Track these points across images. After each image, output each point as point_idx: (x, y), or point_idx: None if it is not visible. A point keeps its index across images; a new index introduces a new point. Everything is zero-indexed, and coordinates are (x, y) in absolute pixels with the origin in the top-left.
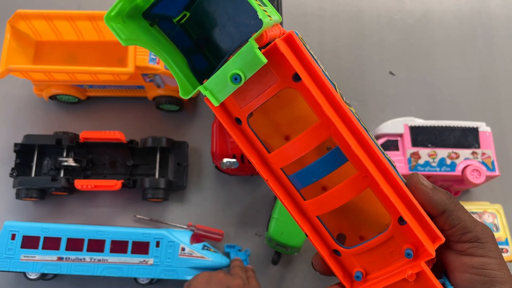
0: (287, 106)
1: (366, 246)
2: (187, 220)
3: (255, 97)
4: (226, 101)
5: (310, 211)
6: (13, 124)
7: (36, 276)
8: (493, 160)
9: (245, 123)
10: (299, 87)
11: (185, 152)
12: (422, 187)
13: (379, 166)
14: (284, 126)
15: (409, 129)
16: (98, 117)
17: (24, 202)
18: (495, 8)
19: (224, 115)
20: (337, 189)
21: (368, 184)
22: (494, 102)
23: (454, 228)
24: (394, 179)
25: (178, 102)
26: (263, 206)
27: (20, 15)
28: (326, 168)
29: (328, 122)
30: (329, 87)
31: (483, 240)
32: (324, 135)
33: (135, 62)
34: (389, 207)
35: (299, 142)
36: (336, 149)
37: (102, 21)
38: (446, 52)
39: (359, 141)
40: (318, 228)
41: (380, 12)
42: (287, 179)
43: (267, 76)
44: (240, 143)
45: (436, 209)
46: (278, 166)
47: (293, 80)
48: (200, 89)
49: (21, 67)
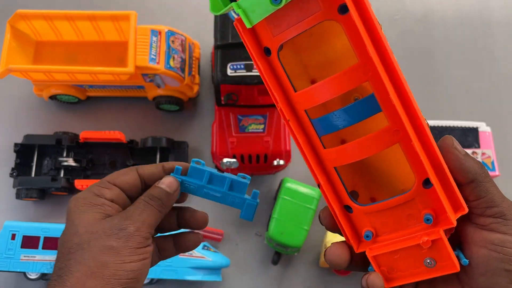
0: (320, 47)
1: (382, 206)
2: None
3: (292, 25)
4: (258, 26)
5: (328, 160)
6: (13, 124)
7: (36, 276)
8: (493, 160)
9: (275, 55)
10: (344, 21)
11: (185, 152)
12: (455, 152)
13: (414, 121)
14: (312, 69)
15: None
16: (98, 117)
17: (24, 202)
18: (495, 8)
19: (253, 42)
20: (363, 140)
21: (399, 139)
22: (494, 102)
23: (480, 200)
24: (427, 138)
25: (178, 102)
26: (263, 206)
27: (20, 15)
28: (356, 115)
29: (369, 65)
30: (377, 27)
31: (509, 217)
32: (361, 79)
33: (135, 62)
34: (417, 166)
35: (332, 83)
36: (370, 96)
37: (102, 21)
38: (446, 52)
39: (398, 91)
40: (333, 180)
41: (380, 12)
42: (310, 124)
43: (310, 3)
44: (266, 76)
45: (465, 177)
46: (303, 107)
47: (339, 12)
48: (234, 6)
49: (21, 67)
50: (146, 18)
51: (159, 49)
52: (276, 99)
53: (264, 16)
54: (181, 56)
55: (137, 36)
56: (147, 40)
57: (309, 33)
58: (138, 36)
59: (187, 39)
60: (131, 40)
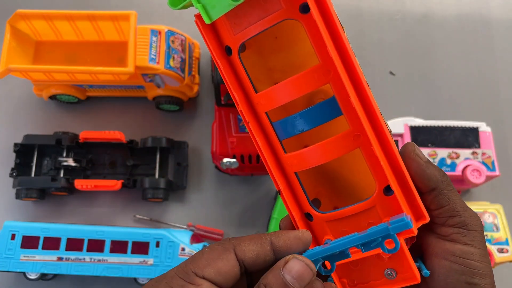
0: (284, 50)
1: (342, 213)
2: (187, 220)
3: (253, 23)
4: (219, 23)
5: (289, 165)
6: (13, 124)
7: (36, 276)
8: (493, 160)
9: (236, 54)
10: (305, 21)
11: (185, 152)
12: (416, 158)
13: (376, 126)
14: (277, 72)
15: (409, 129)
16: (98, 117)
17: (24, 202)
18: (495, 8)
19: (214, 40)
20: (323, 144)
21: (359, 144)
22: (494, 102)
23: (441, 209)
24: (388, 144)
25: (178, 102)
26: (263, 206)
27: (20, 15)
28: (316, 118)
29: (330, 66)
30: (339, 28)
31: (470, 228)
32: (321, 80)
33: (135, 62)
34: (378, 173)
35: (292, 84)
36: (331, 99)
37: (102, 21)
38: (446, 52)
39: (359, 94)
40: (294, 186)
41: (380, 12)
42: (271, 126)
43: (271, 1)
44: (226, 76)
45: (426, 185)
46: (264, 108)
47: (300, 11)
48: (192, 0)
49: (21, 67)
50: (146, 18)
51: (159, 49)
52: (236, 100)
53: (224, 12)
54: (181, 56)
55: (137, 36)
56: (147, 40)
57: (274, 36)
58: (138, 36)
59: (187, 39)
60: (131, 40)
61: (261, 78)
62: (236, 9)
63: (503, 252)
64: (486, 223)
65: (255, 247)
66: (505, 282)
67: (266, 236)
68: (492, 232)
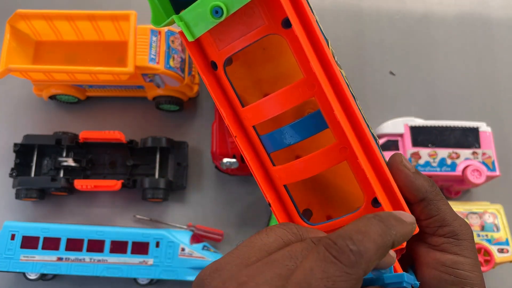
0: (272, 61)
1: (331, 225)
2: (187, 220)
3: (236, 39)
4: (203, 39)
5: (278, 178)
6: (13, 124)
7: (35, 276)
8: (494, 160)
9: (221, 69)
10: (288, 35)
11: (185, 152)
12: (404, 169)
13: (362, 139)
14: (266, 84)
15: (410, 129)
16: (98, 117)
17: (24, 202)
18: (496, 8)
19: (199, 55)
20: (310, 158)
21: (346, 157)
22: (494, 102)
23: (431, 219)
24: (375, 156)
25: (178, 102)
26: (263, 206)
27: (20, 15)
28: (302, 132)
29: (314, 80)
30: (321, 41)
31: (460, 237)
32: (306, 95)
33: (135, 62)
34: (365, 185)
35: (278, 99)
36: (317, 113)
37: (102, 21)
38: (446, 52)
39: (344, 107)
40: (284, 199)
41: (380, 12)
42: (258, 140)
43: (253, 17)
44: (212, 91)
45: (415, 196)
46: (251, 123)
47: (282, 26)
48: (175, 18)
49: (21, 67)
50: (146, 18)
51: (159, 49)
52: (223, 115)
53: (206, 30)
54: (181, 56)
55: (137, 36)
56: (147, 40)
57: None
58: (138, 36)
59: None
60: (131, 40)
61: (250, 90)
62: (219, 25)
63: (503, 252)
64: (486, 223)
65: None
66: (505, 282)
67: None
68: (492, 232)
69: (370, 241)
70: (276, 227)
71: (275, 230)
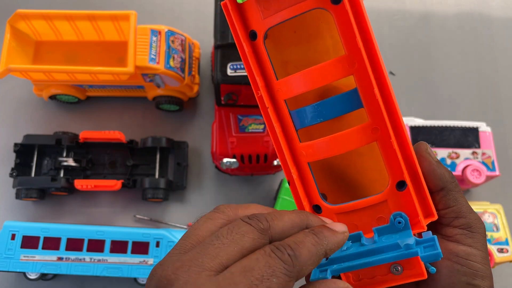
0: (301, 45)
1: (353, 206)
2: (187, 220)
3: (283, 8)
4: (248, 6)
5: (303, 155)
6: (13, 124)
7: (36, 276)
8: (493, 160)
9: (261, 39)
10: (336, 11)
11: (185, 152)
12: (429, 157)
13: (394, 121)
14: (291, 66)
15: (409, 129)
16: (98, 117)
17: (24, 202)
18: (496, 8)
19: (240, 23)
20: (339, 135)
21: (377, 138)
22: (494, 102)
23: (448, 209)
24: (405, 140)
25: (178, 102)
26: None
27: (20, 15)
28: (334, 110)
29: (356, 58)
30: (367, 21)
31: (474, 230)
32: (346, 71)
33: (135, 62)
34: (393, 168)
35: (316, 73)
36: (353, 91)
37: (102, 21)
38: (446, 52)
39: (380, 88)
40: (304, 177)
41: (380, 12)
42: (287, 115)
43: None
44: (250, 60)
45: (436, 184)
46: (284, 96)
47: (332, 1)
48: None
49: (21, 67)
50: (146, 18)
51: (159, 49)
52: (257, 85)
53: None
54: (181, 56)
55: (137, 36)
56: (147, 40)
57: (293, 30)
58: (138, 36)
59: (187, 39)
60: (131, 40)
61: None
62: None
63: (503, 252)
64: (486, 223)
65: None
66: (505, 282)
67: (304, 218)
68: (492, 232)
69: (305, 249)
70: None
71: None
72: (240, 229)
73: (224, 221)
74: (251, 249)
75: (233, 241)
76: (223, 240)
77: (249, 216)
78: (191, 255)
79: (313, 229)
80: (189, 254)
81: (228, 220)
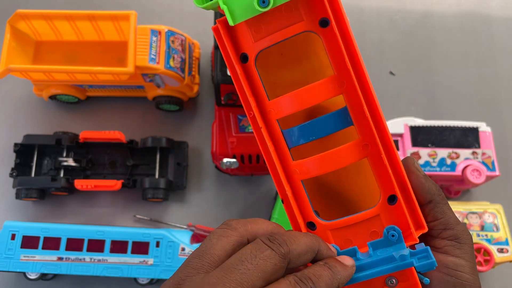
0: (288, 66)
1: (346, 221)
2: (187, 220)
3: (274, 32)
4: (238, 29)
5: (296, 173)
6: (13, 124)
7: (36, 276)
8: (493, 160)
9: (252, 62)
10: (324, 34)
11: (185, 152)
12: (416, 171)
13: (383, 138)
14: (279, 87)
15: (409, 129)
16: (98, 117)
17: (24, 202)
18: (495, 8)
19: (232, 46)
20: (331, 153)
21: (367, 154)
22: (494, 102)
23: (436, 221)
24: (394, 155)
25: (178, 102)
26: (263, 206)
27: (20, 15)
28: (326, 128)
29: (345, 77)
30: (353, 42)
31: (462, 241)
32: (336, 91)
33: (135, 62)
34: (384, 182)
35: (307, 93)
36: (343, 110)
37: (102, 21)
38: (446, 52)
39: (368, 105)
40: (298, 195)
41: (380, 12)
42: (280, 134)
43: (293, 12)
44: (243, 83)
45: (424, 197)
46: (276, 116)
47: (320, 25)
48: (219, 1)
49: (21, 67)
50: (146, 18)
51: (159, 49)
52: (250, 106)
53: (248, 17)
54: (181, 56)
55: (137, 36)
56: (147, 40)
57: (280, 53)
58: (138, 36)
59: (187, 39)
60: (131, 40)
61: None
62: (259, 16)
63: (503, 252)
64: (486, 223)
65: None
66: (505, 282)
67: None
68: (492, 232)
69: (323, 283)
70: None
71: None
72: (263, 254)
73: (237, 239)
74: (272, 274)
75: (257, 266)
76: (248, 265)
77: (269, 238)
78: (215, 279)
79: (327, 262)
80: (213, 278)
81: (240, 237)
